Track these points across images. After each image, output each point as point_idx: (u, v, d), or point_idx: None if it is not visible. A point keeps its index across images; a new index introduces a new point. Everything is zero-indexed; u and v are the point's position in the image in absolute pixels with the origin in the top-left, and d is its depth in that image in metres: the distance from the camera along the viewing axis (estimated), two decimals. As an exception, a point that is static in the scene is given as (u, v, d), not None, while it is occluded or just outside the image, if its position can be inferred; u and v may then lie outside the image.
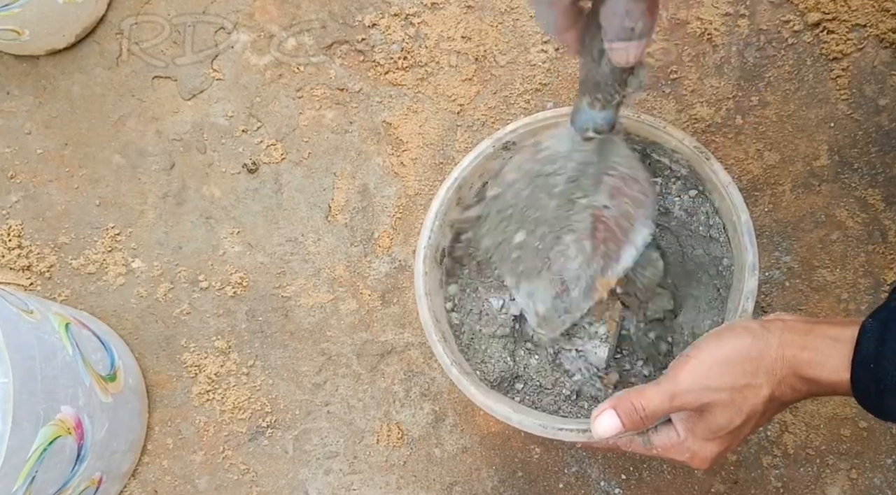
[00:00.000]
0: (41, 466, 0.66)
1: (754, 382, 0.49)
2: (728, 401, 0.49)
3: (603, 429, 0.52)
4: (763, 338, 0.49)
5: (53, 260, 0.90)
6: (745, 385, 0.49)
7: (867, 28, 0.85)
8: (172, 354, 0.87)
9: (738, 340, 0.50)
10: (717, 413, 0.50)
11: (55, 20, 0.89)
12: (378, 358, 0.86)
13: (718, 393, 0.49)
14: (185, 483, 0.84)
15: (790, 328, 0.49)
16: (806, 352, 0.48)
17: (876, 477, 0.78)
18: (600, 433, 0.52)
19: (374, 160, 0.90)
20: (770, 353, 0.49)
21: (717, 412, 0.50)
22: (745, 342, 0.50)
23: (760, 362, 0.49)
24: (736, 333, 0.50)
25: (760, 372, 0.49)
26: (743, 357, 0.49)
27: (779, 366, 0.49)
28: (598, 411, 0.52)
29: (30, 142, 0.93)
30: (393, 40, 0.90)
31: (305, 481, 0.84)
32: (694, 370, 0.50)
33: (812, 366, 0.48)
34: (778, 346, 0.49)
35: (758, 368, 0.49)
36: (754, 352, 0.49)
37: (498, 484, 0.82)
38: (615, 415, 0.52)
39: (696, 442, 0.52)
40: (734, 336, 0.50)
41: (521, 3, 0.90)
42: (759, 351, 0.49)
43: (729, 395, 0.49)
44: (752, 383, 0.49)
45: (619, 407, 0.52)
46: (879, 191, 0.83)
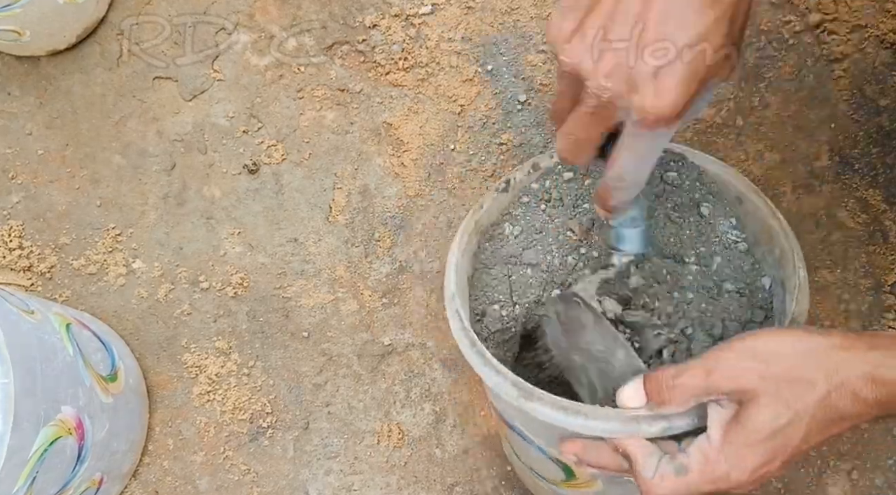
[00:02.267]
0: (42, 467, 0.66)
1: (808, 377, 0.41)
2: (773, 393, 0.42)
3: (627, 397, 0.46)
4: (823, 336, 0.43)
5: (54, 260, 0.90)
6: (797, 378, 0.42)
7: (868, 29, 0.85)
8: (173, 355, 0.87)
9: (795, 335, 0.44)
10: (760, 406, 0.42)
11: (56, 21, 0.89)
12: (379, 358, 0.86)
13: (763, 381, 0.42)
14: (186, 483, 0.84)
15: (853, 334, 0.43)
16: (877, 352, 0.41)
17: (877, 478, 0.78)
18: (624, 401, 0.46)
19: (375, 161, 0.90)
20: (830, 351, 0.42)
21: (759, 405, 0.42)
22: (803, 337, 0.43)
23: (819, 357, 0.42)
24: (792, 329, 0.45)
25: (818, 368, 0.42)
26: (797, 349, 0.42)
27: (842, 366, 0.41)
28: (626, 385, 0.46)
29: (30, 142, 0.93)
30: (393, 41, 0.90)
31: (306, 481, 0.84)
32: (738, 351, 0.43)
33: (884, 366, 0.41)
34: (840, 346, 0.42)
35: (815, 363, 0.42)
36: (812, 346, 0.42)
37: (498, 485, 0.82)
38: (640, 383, 0.46)
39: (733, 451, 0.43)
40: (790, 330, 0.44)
41: (521, 4, 0.90)
42: (818, 346, 0.42)
43: (775, 386, 0.42)
44: (806, 377, 0.41)
45: (649, 376, 0.46)
46: (880, 191, 0.83)
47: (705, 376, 0.43)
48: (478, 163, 0.88)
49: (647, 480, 0.45)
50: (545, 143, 0.88)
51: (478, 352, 0.53)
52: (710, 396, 0.44)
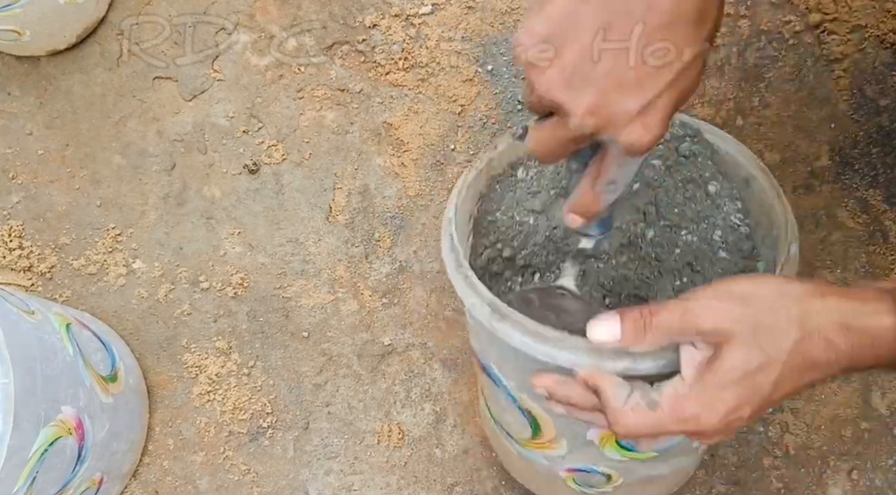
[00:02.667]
0: (42, 467, 0.66)
1: (782, 322, 0.41)
2: (748, 335, 0.41)
3: (599, 332, 0.44)
4: (801, 282, 0.43)
5: (54, 260, 0.90)
6: (772, 322, 0.41)
7: (868, 29, 0.85)
8: (173, 355, 0.87)
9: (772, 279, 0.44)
10: (734, 348, 0.42)
11: (56, 21, 0.89)
12: (379, 358, 0.86)
13: (738, 323, 0.41)
14: (186, 483, 0.84)
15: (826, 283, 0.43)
16: (849, 300, 0.41)
17: (877, 478, 0.78)
18: (596, 336, 0.44)
19: (375, 161, 0.90)
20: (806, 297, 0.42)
21: (733, 347, 0.42)
22: (779, 281, 0.43)
23: (794, 303, 0.42)
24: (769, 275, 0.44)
25: (792, 313, 0.41)
26: (774, 293, 0.42)
27: (815, 313, 0.41)
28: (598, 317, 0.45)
29: (31, 142, 0.93)
30: (394, 41, 0.90)
31: (306, 482, 0.84)
32: (715, 293, 0.43)
33: (856, 313, 0.41)
34: (816, 293, 0.42)
35: (790, 309, 0.41)
36: (787, 291, 0.42)
37: (499, 485, 0.82)
38: (617, 319, 0.44)
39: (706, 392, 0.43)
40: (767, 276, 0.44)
41: (521, 4, 0.90)
42: (794, 292, 0.42)
43: (751, 329, 0.41)
44: (780, 323, 0.41)
45: (625, 312, 0.44)
46: (880, 191, 0.83)
47: (681, 314, 0.43)
48: (478, 163, 0.88)
49: (616, 408, 0.44)
50: (545, 143, 0.88)
51: (463, 274, 0.51)
52: (685, 336, 0.43)
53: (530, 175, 0.60)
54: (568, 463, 0.61)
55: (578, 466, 0.61)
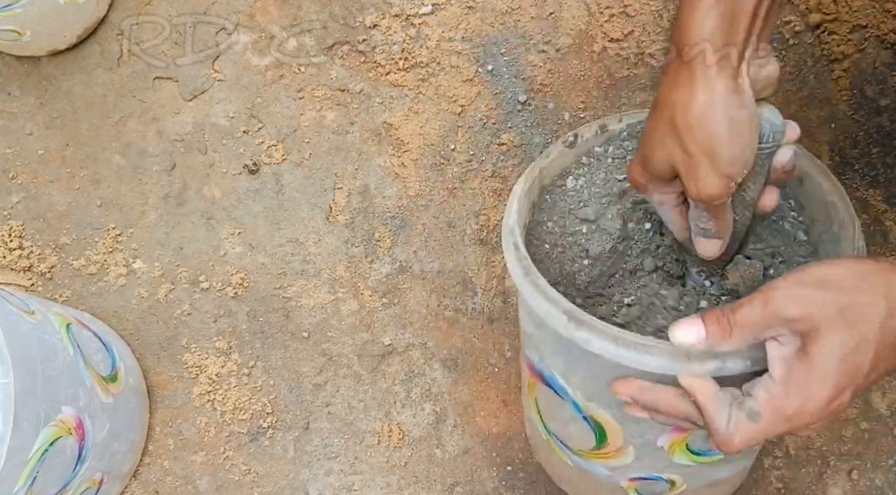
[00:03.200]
0: (42, 467, 0.66)
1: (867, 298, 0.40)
2: (836, 316, 0.40)
3: (683, 335, 0.44)
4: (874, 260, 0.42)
5: (54, 260, 0.90)
6: (857, 300, 0.40)
7: (868, 29, 0.85)
8: (173, 355, 0.87)
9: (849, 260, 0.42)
10: (825, 333, 0.40)
11: (56, 21, 0.89)
12: (379, 358, 0.86)
13: (824, 305, 0.40)
14: (186, 483, 0.84)
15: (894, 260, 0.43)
16: None
17: (877, 478, 0.78)
18: (680, 339, 0.44)
19: (375, 161, 0.90)
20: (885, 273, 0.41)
21: (823, 332, 0.40)
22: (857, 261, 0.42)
23: (876, 279, 0.41)
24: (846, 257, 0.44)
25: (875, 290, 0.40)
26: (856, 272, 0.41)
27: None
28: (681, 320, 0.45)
29: (31, 142, 0.93)
30: (394, 41, 0.90)
31: (306, 482, 0.84)
32: (793, 281, 0.42)
33: None
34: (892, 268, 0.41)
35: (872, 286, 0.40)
36: (868, 270, 0.41)
37: (499, 485, 0.82)
38: (699, 320, 0.44)
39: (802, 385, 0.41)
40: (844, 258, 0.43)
41: (521, 4, 0.90)
42: (875, 270, 0.41)
43: (836, 309, 0.40)
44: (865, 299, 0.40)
45: (706, 313, 0.44)
46: (880, 191, 0.83)
47: (763, 307, 0.42)
48: (478, 163, 0.88)
49: (722, 432, 0.44)
50: (545, 143, 0.88)
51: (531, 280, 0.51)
52: (770, 330, 0.42)
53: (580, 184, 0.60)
54: (633, 472, 0.60)
55: (643, 474, 0.60)
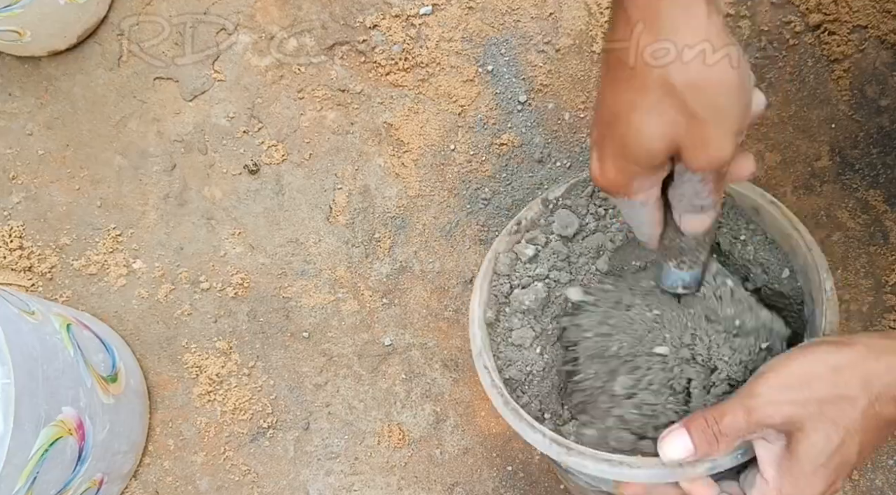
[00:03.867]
0: (42, 467, 0.66)
1: (847, 393, 0.41)
2: (818, 414, 0.41)
3: (672, 450, 0.44)
4: (851, 348, 0.42)
5: (55, 261, 0.90)
6: (836, 396, 0.41)
7: (868, 29, 0.85)
8: (173, 355, 0.87)
9: (823, 352, 0.43)
10: (810, 432, 0.41)
11: (56, 21, 0.89)
12: (379, 359, 0.86)
13: (805, 406, 0.41)
14: (187, 484, 0.85)
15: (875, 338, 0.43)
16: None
17: (877, 478, 0.78)
18: (670, 456, 0.44)
19: (376, 161, 0.90)
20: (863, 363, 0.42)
21: (808, 432, 0.41)
22: (832, 352, 0.42)
23: (852, 372, 0.41)
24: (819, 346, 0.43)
25: (853, 382, 0.41)
26: (831, 367, 0.42)
27: (876, 376, 0.41)
28: (666, 432, 0.45)
29: (31, 143, 0.93)
30: (394, 41, 0.90)
31: (306, 482, 0.84)
32: (773, 381, 0.43)
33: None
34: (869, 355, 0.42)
35: (849, 379, 0.41)
36: (843, 362, 0.42)
37: (499, 486, 0.82)
38: (685, 433, 0.44)
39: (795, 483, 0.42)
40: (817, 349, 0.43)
41: (521, 4, 0.90)
42: (850, 361, 0.42)
43: (818, 408, 0.41)
44: (846, 394, 0.41)
45: (691, 424, 0.44)
46: (881, 192, 0.83)
47: (747, 416, 0.42)
48: (478, 163, 0.88)
49: None
50: (545, 143, 0.88)
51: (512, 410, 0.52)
52: (755, 434, 0.43)
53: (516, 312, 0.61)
54: None
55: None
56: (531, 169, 0.87)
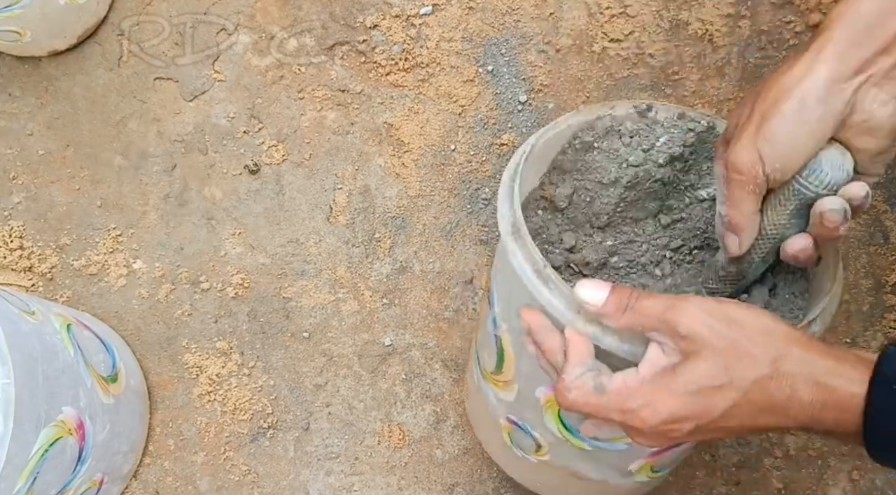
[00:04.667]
0: (43, 467, 0.66)
1: (757, 354, 0.41)
2: (720, 351, 0.41)
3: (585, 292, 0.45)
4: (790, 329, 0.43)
5: (55, 261, 0.90)
6: (746, 349, 0.41)
7: (869, 29, 0.85)
8: (174, 355, 0.87)
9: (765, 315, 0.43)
10: (700, 360, 0.42)
11: (57, 21, 0.89)
12: (379, 359, 0.86)
13: (715, 336, 0.42)
14: (187, 484, 0.85)
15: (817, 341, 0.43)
16: (828, 359, 0.41)
17: (877, 479, 0.78)
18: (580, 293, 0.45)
19: (376, 161, 0.90)
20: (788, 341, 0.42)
21: (700, 359, 0.42)
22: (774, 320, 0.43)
23: (775, 342, 0.42)
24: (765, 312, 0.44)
25: (770, 349, 0.41)
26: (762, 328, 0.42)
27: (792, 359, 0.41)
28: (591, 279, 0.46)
29: (31, 143, 0.93)
30: (394, 41, 0.90)
31: (307, 482, 0.84)
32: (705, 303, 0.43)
33: (830, 373, 0.41)
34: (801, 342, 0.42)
35: (769, 345, 0.42)
36: (774, 331, 0.42)
37: (499, 486, 0.82)
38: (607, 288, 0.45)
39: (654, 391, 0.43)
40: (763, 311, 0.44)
41: (522, 4, 0.90)
42: (780, 333, 0.42)
43: (724, 346, 0.41)
44: (754, 353, 0.41)
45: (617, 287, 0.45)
46: (881, 192, 0.83)
47: (665, 308, 0.43)
48: (478, 163, 0.88)
49: (566, 382, 0.45)
50: (546, 144, 0.88)
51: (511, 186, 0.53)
52: (657, 333, 0.44)
53: None
54: (510, 412, 0.61)
55: (517, 419, 0.61)
56: (531, 169, 0.87)
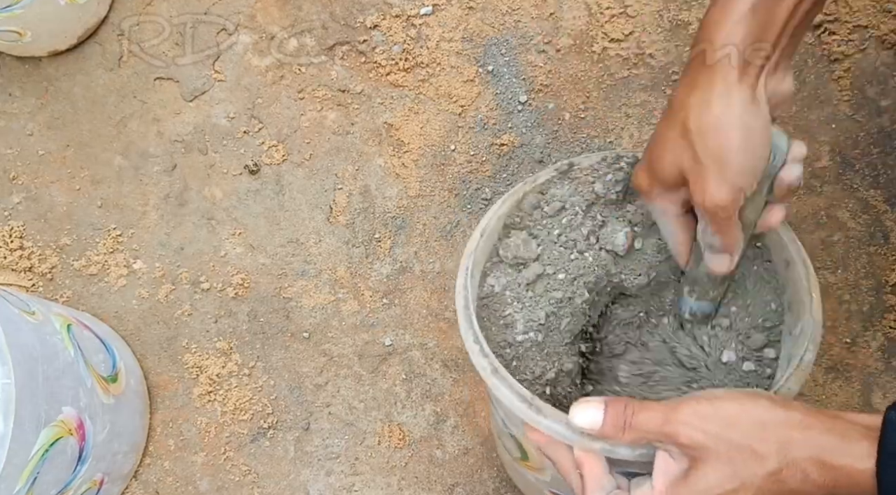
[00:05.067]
0: (43, 467, 0.66)
1: (761, 450, 0.41)
2: (725, 458, 0.42)
3: (581, 417, 0.45)
4: (786, 412, 0.42)
5: (55, 261, 0.90)
6: (750, 448, 0.42)
7: (869, 29, 0.85)
8: (174, 355, 0.87)
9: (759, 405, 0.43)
10: (709, 468, 0.42)
11: (57, 21, 0.89)
12: (379, 359, 0.86)
13: (717, 442, 0.42)
14: (187, 484, 0.85)
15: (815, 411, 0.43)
16: (831, 436, 0.41)
17: (878, 479, 0.78)
18: (576, 420, 0.45)
19: (376, 161, 0.90)
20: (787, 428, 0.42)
21: (708, 467, 0.42)
22: (766, 408, 0.43)
23: (775, 432, 0.42)
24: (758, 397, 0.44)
25: (772, 442, 0.42)
26: (758, 421, 0.42)
27: (796, 445, 0.41)
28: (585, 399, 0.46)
29: (32, 143, 0.93)
30: (394, 41, 0.90)
31: (307, 482, 0.84)
32: (699, 407, 0.43)
33: (836, 451, 0.41)
34: (799, 424, 0.42)
35: (770, 437, 0.42)
36: (770, 420, 0.42)
37: (499, 486, 0.82)
38: (602, 408, 0.45)
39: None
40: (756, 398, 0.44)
41: (522, 4, 0.90)
42: (778, 422, 0.42)
43: (727, 451, 0.42)
44: (759, 450, 0.41)
45: (611, 402, 0.45)
46: (881, 192, 0.83)
47: (662, 422, 0.43)
48: (478, 163, 0.88)
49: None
50: (546, 143, 0.88)
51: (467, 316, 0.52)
52: (662, 443, 0.44)
53: None
54: (551, 487, 0.62)
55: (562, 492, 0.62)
56: (531, 169, 0.87)
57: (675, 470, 0.44)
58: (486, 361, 0.50)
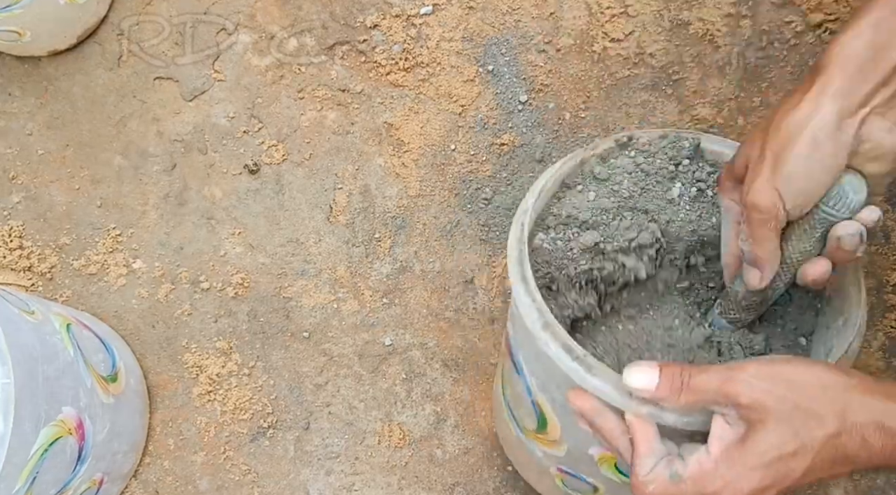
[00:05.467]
0: (42, 467, 0.66)
1: (822, 412, 0.41)
2: (786, 417, 0.41)
3: (636, 378, 0.44)
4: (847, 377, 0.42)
5: (55, 260, 0.90)
6: (811, 410, 0.41)
7: (869, 28, 0.85)
8: (173, 355, 0.87)
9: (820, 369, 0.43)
10: (770, 428, 0.41)
11: (56, 21, 0.89)
12: (379, 359, 0.86)
13: (779, 402, 0.41)
14: (187, 483, 0.84)
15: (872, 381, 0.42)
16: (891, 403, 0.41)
17: (878, 478, 0.78)
18: (630, 381, 0.44)
19: (376, 161, 0.90)
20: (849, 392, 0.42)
21: (768, 427, 0.41)
22: (828, 371, 0.42)
23: (837, 395, 0.41)
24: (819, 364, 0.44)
25: (833, 405, 0.41)
26: (821, 383, 0.42)
27: (857, 409, 0.41)
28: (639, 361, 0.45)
29: (31, 142, 0.93)
30: (394, 41, 0.90)
31: (307, 482, 0.84)
32: (761, 368, 0.42)
33: None
34: (860, 389, 0.42)
35: (831, 400, 0.41)
36: (831, 384, 0.42)
37: (499, 486, 0.82)
38: (656, 371, 0.43)
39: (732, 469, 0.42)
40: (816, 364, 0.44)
41: (522, 4, 0.90)
42: (838, 385, 0.42)
43: (789, 411, 0.41)
44: (820, 412, 0.41)
45: (666, 366, 0.44)
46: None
47: (721, 383, 0.42)
48: (478, 163, 0.88)
49: (640, 476, 0.44)
50: (546, 143, 0.88)
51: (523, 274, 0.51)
52: (719, 405, 0.43)
53: None
54: (562, 464, 0.61)
55: (570, 470, 0.61)
56: (532, 169, 0.87)
57: (731, 436, 0.43)
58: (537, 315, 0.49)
